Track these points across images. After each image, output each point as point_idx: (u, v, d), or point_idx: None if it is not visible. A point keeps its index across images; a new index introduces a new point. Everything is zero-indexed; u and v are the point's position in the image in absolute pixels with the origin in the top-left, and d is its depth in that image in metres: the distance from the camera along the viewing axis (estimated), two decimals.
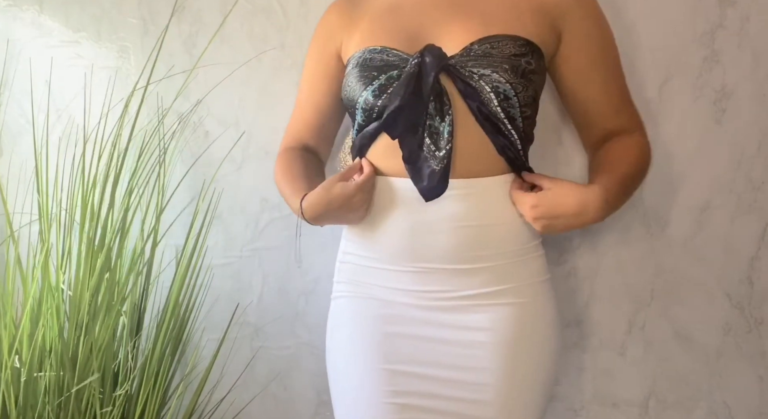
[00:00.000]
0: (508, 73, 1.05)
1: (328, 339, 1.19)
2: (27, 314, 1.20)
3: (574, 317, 1.38)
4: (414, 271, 1.11)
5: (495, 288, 1.10)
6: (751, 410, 1.34)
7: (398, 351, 1.10)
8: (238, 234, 1.49)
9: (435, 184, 1.06)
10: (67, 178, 1.35)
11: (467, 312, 1.10)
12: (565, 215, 1.07)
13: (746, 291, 1.33)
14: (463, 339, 1.09)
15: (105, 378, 1.25)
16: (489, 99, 1.06)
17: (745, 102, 1.29)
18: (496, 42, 1.08)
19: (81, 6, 1.50)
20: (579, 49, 1.13)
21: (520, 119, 1.08)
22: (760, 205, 1.31)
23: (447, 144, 1.06)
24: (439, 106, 1.07)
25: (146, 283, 1.37)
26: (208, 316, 1.47)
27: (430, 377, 1.10)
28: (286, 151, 1.28)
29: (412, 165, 1.08)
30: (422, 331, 1.10)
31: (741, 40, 1.28)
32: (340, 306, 1.18)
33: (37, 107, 1.43)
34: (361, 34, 1.16)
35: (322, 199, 1.11)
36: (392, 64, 1.10)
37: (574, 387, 1.38)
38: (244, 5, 1.43)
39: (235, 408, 1.48)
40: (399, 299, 1.12)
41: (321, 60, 1.24)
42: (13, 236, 1.24)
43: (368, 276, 1.15)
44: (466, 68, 1.06)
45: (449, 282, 1.10)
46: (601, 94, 1.15)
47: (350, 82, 1.14)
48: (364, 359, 1.12)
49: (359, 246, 1.16)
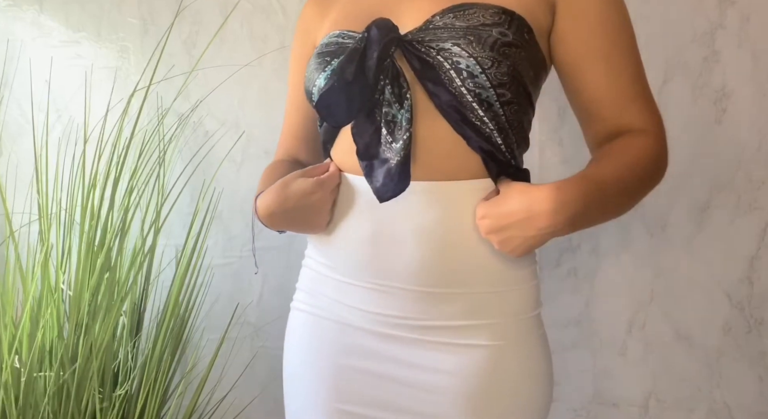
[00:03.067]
0: (472, 45, 0.86)
1: (285, 352, 1.06)
2: (27, 314, 1.20)
3: (574, 317, 1.38)
4: (372, 288, 0.93)
5: (466, 322, 0.91)
6: (751, 410, 1.34)
7: (351, 388, 0.96)
8: (238, 234, 1.49)
9: (393, 182, 0.88)
10: (67, 178, 1.35)
11: (430, 349, 0.92)
12: (513, 224, 0.85)
13: (746, 291, 1.33)
14: (422, 381, 0.92)
15: (105, 378, 1.25)
16: (450, 78, 0.87)
17: (745, 102, 1.29)
18: (462, 11, 0.89)
19: (81, 6, 1.50)
20: (581, 22, 0.91)
21: (498, 105, 0.88)
22: (760, 204, 1.31)
23: (405, 133, 0.88)
24: (397, 90, 0.89)
25: (146, 283, 1.37)
26: (208, 316, 1.47)
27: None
28: (271, 164, 1.13)
29: (368, 161, 0.91)
30: (379, 367, 0.94)
31: (741, 40, 1.28)
32: (297, 320, 1.04)
33: (37, 107, 1.43)
34: (330, 23, 1.03)
35: (278, 196, 0.95)
36: (346, 47, 0.94)
37: (574, 387, 1.38)
38: (244, 5, 1.43)
39: (235, 408, 1.48)
40: (356, 322, 0.96)
41: (301, 60, 1.11)
42: (13, 236, 1.24)
43: (325, 286, 0.99)
44: (423, 43, 0.89)
45: (412, 307, 0.91)
46: (603, 81, 0.91)
47: (307, 73, 0.99)
48: (317, 393, 0.98)
49: (318, 252, 1.01)
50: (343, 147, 0.97)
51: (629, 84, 0.92)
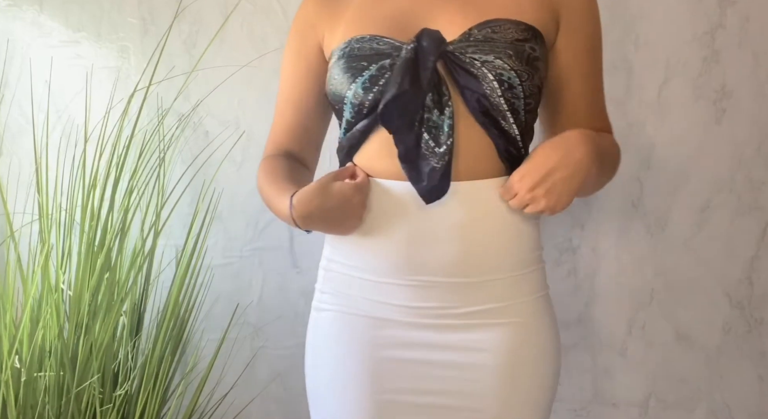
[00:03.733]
0: (512, 59, 0.96)
1: (309, 354, 1.08)
2: (27, 314, 1.20)
3: (574, 317, 1.38)
4: (411, 285, 0.99)
5: (498, 304, 1.00)
6: (751, 410, 1.34)
7: (390, 378, 1.01)
8: (238, 234, 1.49)
9: (436, 183, 0.95)
10: (67, 178, 1.35)
11: (465, 331, 0.99)
12: (554, 167, 0.93)
13: (746, 291, 1.33)
14: (460, 362, 1.00)
15: (105, 378, 1.25)
16: (492, 88, 0.95)
17: (745, 102, 1.29)
18: (498, 26, 0.98)
19: (81, 6, 1.50)
20: (576, 40, 1.04)
21: (523, 113, 0.99)
22: (760, 204, 1.31)
23: (448, 139, 0.95)
24: (438, 97, 0.96)
25: (146, 283, 1.37)
26: (208, 316, 1.47)
27: (425, 405, 1.01)
28: (267, 158, 1.14)
29: (410, 163, 0.96)
30: (416, 355, 1.00)
31: (741, 40, 1.28)
32: (325, 321, 1.06)
33: (37, 107, 1.43)
34: (346, 24, 1.05)
35: (317, 196, 0.98)
36: (384, 53, 0.98)
37: (574, 387, 1.38)
38: (244, 5, 1.43)
39: (235, 408, 1.48)
40: (392, 316, 1.01)
41: (301, 55, 1.12)
42: (13, 236, 1.24)
43: (356, 288, 1.03)
44: (467, 54, 0.96)
45: (450, 297, 0.99)
46: (583, 94, 1.06)
47: (336, 75, 1.02)
48: (354, 388, 1.02)
49: (345, 255, 1.04)
50: (372, 151, 1.02)
51: (601, 96, 1.08)
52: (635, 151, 1.32)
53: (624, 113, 1.31)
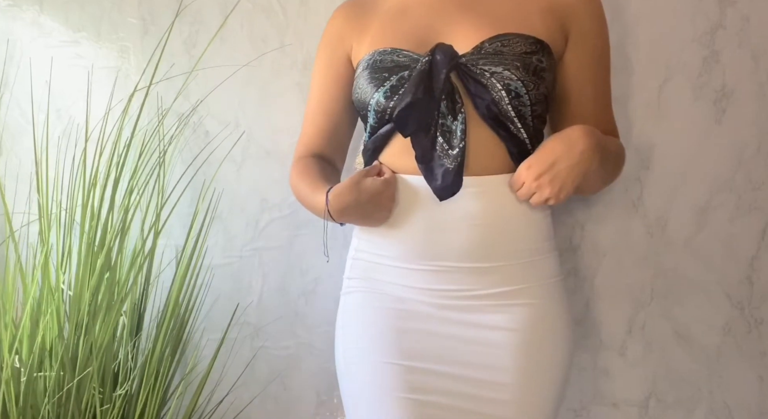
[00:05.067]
0: (519, 70, 1.06)
1: (339, 334, 1.18)
2: (27, 314, 1.20)
3: (574, 317, 1.37)
4: (429, 270, 1.10)
5: (510, 287, 1.10)
6: (751, 410, 1.34)
7: (413, 346, 1.10)
8: (238, 234, 1.49)
9: (449, 182, 1.07)
10: (67, 178, 1.35)
11: (484, 311, 1.09)
12: (558, 157, 1.04)
13: (746, 291, 1.33)
14: (480, 338, 1.09)
15: (105, 378, 1.25)
16: (500, 97, 1.06)
17: (745, 102, 1.29)
18: (507, 40, 1.09)
19: (81, 6, 1.50)
20: (584, 50, 1.14)
21: (530, 118, 1.09)
22: (760, 204, 1.31)
23: (460, 142, 1.06)
24: (451, 104, 1.08)
25: (146, 283, 1.37)
26: (208, 316, 1.47)
27: (446, 374, 1.09)
28: (300, 159, 1.26)
29: (426, 164, 1.08)
30: (438, 328, 1.10)
31: (741, 40, 1.28)
32: (352, 301, 1.17)
33: (37, 107, 1.43)
34: (372, 37, 1.17)
35: (351, 191, 1.10)
36: (403, 65, 1.10)
37: (574, 387, 1.38)
38: (244, 5, 1.43)
39: (235, 408, 1.48)
40: (414, 296, 1.11)
41: (331, 65, 1.24)
42: (13, 236, 1.24)
43: (382, 273, 1.14)
44: (478, 66, 1.07)
45: (465, 280, 1.10)
46: (591, 102, 1.16)
47: (361, 85, 1.14)
48: (380, 353, 1.11)
49: (372, 245, 1.16)
50: (394, 151, 1.14)
51: (607, 103, 1.19)
52: (635, 151, 1.32)
53: (624, 113, 1.31)
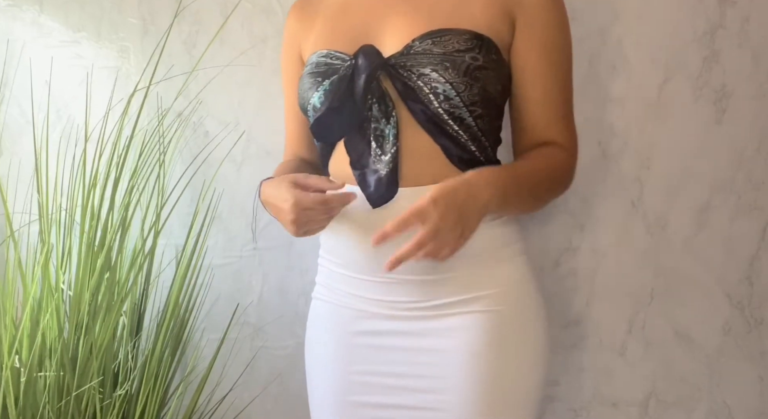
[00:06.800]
0: (449, 71, 0.99)
1: (308, 338, 1.20)
2: (27, 314, 1.20)
3: (574, 317, 1.38)
4: (381, 282, 1.07)
5: (466, 296, 1.05)
6: (751, 410, 1.34)
7: (364, 360, 1.10)
8: (238, 234, 1.49)
9: (383, 190, 1.01)
10: (67, 178, 1.35)
11: (436, 319, 1.06)
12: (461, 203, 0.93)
13: (746, 291, 1.33)
14: (431, 345, 1.06)
15: (105, 378, 1.25)
16: (429, 100, 1.00)
17: (745, 102, 1.29)
18: (439, 37, 1.01)
19: (81, 6, 1.50)
20: (530, 42, 1.04)
21: (470, 119, 1.02)
22: (760, 204, 1.31)
23: (392, 147, 1.01)
24: (383, 107, 1.02)
25: (146, 283, 1.37)
26: (208, 316, 1.47)
27: (398, 387, 1.08)
28: (284, 163, 1.24)
29: (360, 170, 1.04)
30: (391, 342, 1.08)
31: (741, 40, 1.28)
32: (316, 309, 1.18)
33: (37, 107, 1.43)
34: (315, 37, 1.12)
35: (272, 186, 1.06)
36: (335, 68, 1.05)
37: (574, 387, 1.38)
38: (244, 5, 1.43)
39: (236, 408, 1.48)
40: (370, 309, 1.09)
41: (289, 65, 1.21)
42: (13, 236, 1.24)
43: (340, 282, 1.12)
44: (406, 68, 1.01)
45: (417, 292, 1.06)
46: (541, 98, 1.06)
47: (301, 89, 1.10)
48: (333, 368, 1.13)
49: (330, 253, 1.14)
50: (339, 159, 1.09)
51: (560, 104, 1.07)
52: (635, 151, 1.32)
53: (624, 113, 1.31)
